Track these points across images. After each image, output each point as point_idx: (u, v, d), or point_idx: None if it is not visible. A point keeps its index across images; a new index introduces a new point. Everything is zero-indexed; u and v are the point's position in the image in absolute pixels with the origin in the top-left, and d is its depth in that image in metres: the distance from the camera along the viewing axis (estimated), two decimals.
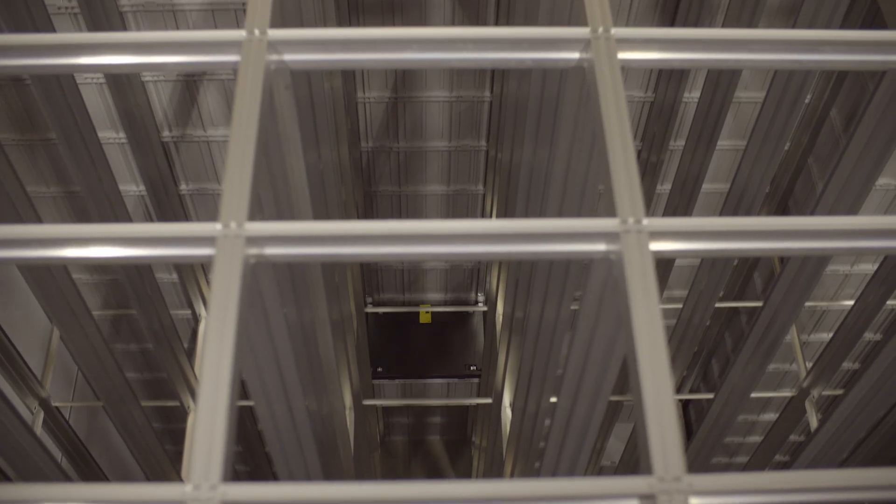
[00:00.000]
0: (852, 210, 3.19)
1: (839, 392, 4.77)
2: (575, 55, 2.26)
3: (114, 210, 4.27)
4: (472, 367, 7.38)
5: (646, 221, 1.95)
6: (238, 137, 2.04)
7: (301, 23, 2.86)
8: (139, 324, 5.64)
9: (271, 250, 1.95)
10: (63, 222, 5.49)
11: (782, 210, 5.97)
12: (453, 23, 4.11)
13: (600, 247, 1.97)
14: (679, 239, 1.99)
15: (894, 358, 3.48)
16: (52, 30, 3.20)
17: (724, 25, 4.08)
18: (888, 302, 4.52)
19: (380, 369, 7.39)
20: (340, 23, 3.87)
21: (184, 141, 4.81)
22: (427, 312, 7.41)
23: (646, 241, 1.93)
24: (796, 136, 5.40)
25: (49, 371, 5.57)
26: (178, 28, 3.93)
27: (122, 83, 4.03)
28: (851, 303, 5.01)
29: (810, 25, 3.11)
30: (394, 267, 6.87)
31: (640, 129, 5.26)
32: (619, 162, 2.01)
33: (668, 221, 1.97)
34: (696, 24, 4.26)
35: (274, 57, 2.24)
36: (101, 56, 2.31)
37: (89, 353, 4.51)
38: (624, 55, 2.24)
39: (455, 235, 1.92)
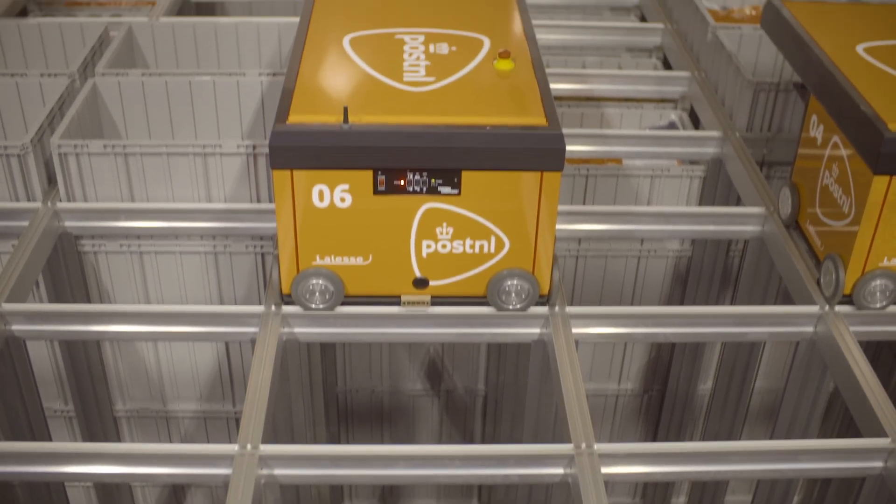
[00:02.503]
0: None
1: None
2: (559, 471, 2.32)
3: None
4: None
5: None
6: None
7: (292, 436, 2.94)
8: None
9: None
10: None
11: None
12: (441, 430, 4.20)
13: None
14: None
15: None
16: (47, 433, 3.26)
17: (705, 429, 4.17)
18: None
19: None
20: (330, 434, 3.95)
21: None
22: None
23: None
24: None
25: None
26: (170, 434, 4.00)
27: (111, 488, 4.03)
28: None
29: (788, 431, 3.19)
30: None
31: None
32: None
33: None
34: (679, 429, 4.35)
35: (265, 471, 2.29)
36: (92, 466, 2.36)
37: None
38: (607, 470, 2.31)
39: None
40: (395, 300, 2.69)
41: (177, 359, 3.73)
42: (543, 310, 2.71)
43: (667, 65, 4.61)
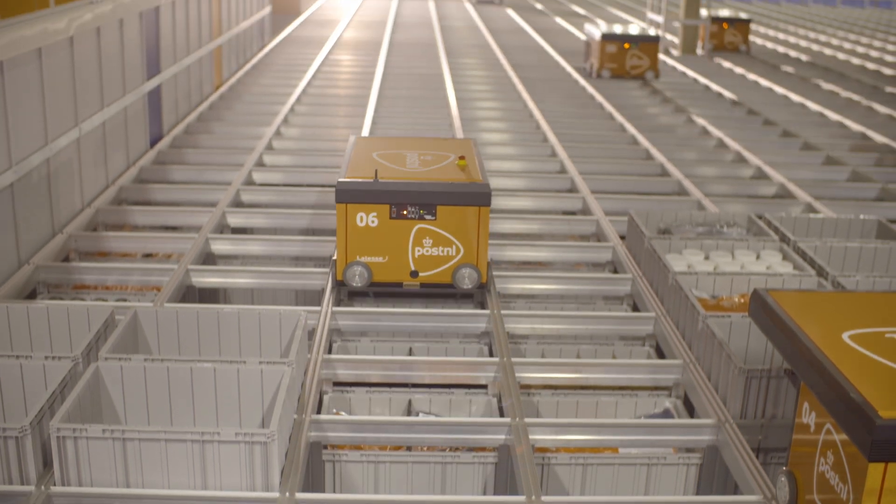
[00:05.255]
0: None
1: None
2: None
3: None
4: None
5: None
6: None
7: None
8: None
9: None
10: None
11: None
12: None
13: None
14: None
15: None
16: None
17: None
18: None
19: None
20: None
21: None
22: None
23: None
24: None
25: None
26: None
27: None
28: None
29: None
30: None
31: None
32: None
33: None
34: None
35: None
36: None
37: None
38: None
39: None
40: (399, 285, 4.84)
41: None
42: None
43: (660, 352, 4.69)
